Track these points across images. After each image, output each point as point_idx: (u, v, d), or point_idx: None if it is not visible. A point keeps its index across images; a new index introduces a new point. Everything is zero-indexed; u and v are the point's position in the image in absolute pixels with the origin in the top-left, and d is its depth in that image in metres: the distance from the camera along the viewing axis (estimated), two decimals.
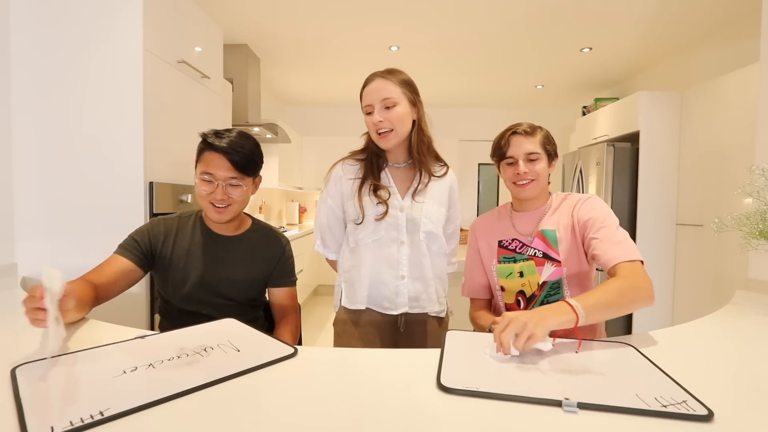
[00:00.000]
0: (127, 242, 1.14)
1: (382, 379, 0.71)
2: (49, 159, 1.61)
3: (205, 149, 1.11)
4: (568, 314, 0.81)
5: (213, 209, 1.12)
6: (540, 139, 1.13)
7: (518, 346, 0.75)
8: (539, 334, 0.76)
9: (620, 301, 0.88)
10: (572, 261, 1.11)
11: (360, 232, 1.15)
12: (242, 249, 1.20)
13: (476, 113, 5.34)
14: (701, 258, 2.68)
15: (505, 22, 2.89)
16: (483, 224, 1.27)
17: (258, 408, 0.60)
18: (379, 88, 1.10)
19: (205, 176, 1.10)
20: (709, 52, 3.04)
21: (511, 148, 1.13)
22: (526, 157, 1.12)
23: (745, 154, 2.29)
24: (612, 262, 0.96)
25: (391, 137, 1.11)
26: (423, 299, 1.17)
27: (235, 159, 1.08)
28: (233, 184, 1.11)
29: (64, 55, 1.59)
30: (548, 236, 1.13)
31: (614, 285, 0.90)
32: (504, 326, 0.78)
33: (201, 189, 1.11)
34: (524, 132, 1.12)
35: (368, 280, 1.15)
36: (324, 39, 3.22)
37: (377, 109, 1.09)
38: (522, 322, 0.77)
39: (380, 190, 1.14)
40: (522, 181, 1.13)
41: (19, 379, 0.65)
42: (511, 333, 0.76)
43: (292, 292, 1.27)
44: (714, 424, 0.56)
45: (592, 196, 1.14)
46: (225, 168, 1.09)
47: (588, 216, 1.08)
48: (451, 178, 1.25)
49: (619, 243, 1.00)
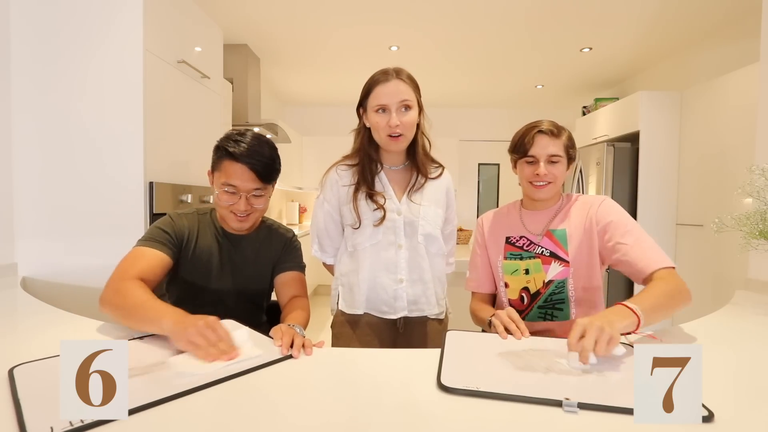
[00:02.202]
0: (157, 234, 1.06)
1: (383, 379, 0.71)
2: (49, 159, 1.61)
3: (224, 158, 1.04)
4: (631, 317, 0.81)
5: (235, 218, 1.09)
6: (564, 141, 1.10)
7: (600, 351, 0.72)
8: (617, 337, 0.74)
9: (670, 303, 0.90)
10: (581, 261, 1.10)
11: (357, 237, 1.13)
12: (254, 246, 1.19)
13: (476, 113, 5.33)
14: (701, 258, 2.68)
15: (505, 22, 2.89)
16: (491, 219, 1.26)
17: (258, 408, 0.60)
18: (397, 90, 1.06)
19: (227, 188, 1.05)
20: (709, 52, 3.04)
21: (534, 147, 1.09)
22: (549, 158, 1.09)
23: (745, 154, 2.29)
24: (649, 269, 0.97)
25: (402, 141, 1.09)
26: (422, 302, 1.15)
27: (259, 169, 1.04)
28: (257, 194, 1.07)
29: (64, 54, 1.59)
30: (557, 236, 1.12)
31: (661, 288, 0.91)
32: (580, 333, 0.74)
33: (223, 200, 1.06)
34: (550, 132, 1.09)
35: (366, 285, 1.13)
36: (324, 39, 3.22)
37: (394, 112, 1.06)
38: (598, 326, 0.74)
39: (376, 196, 1.11)
40: (540, 182, 1.10)
41: (17, 379, 0.65)
42: (592, 340, 0.73)
43: (300, 278, 1.22)
44: (714, 425, 0.56)
45: (607, 197, 1.13)
46: (249, 179, 1.04)
47: (609, 219, 1.07)
48: (447, 178, 1.23)
49: (651, 248, 1.00)
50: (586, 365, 0.71)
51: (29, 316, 1.13)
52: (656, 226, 2.98)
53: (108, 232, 1.60)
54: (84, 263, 1.60)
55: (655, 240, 1.04)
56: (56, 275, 1.61)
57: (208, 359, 0.72)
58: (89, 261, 1.60)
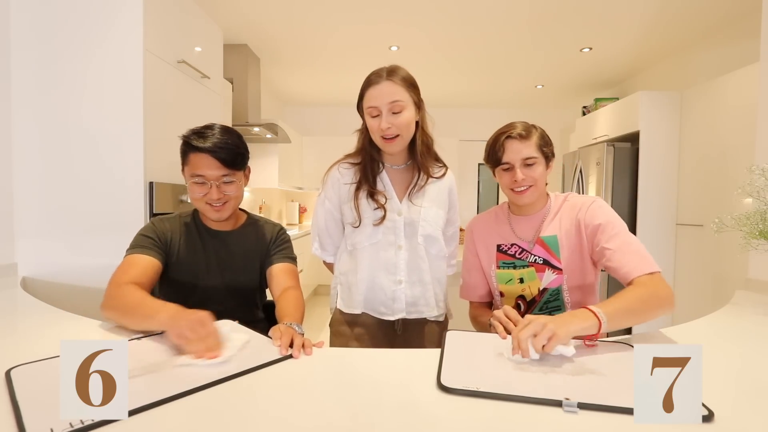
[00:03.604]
0: (142, 241, 1.10)
1: (382, 379, 0.71)
2: (49, 159, 1.61)
3: (189, 151, 1.09)
4: (591, 320, 0.80)
5: (211, 209, 1.12)
6: (536, 142, 1.07)
7: (537, 345, 0.73)
8: (561, 335, 0.74)
9: (641, 308, 0.88)
10: (574, 267, 1.08)
11: (357, 236, 1.13)
12: (241, 241, 1.20)
13: (476, 113, 5.34)
14: (701, 258, 2.68)
15: (506, 22, 2.89)
16: (480, 226, 1.23)
17: (258, 408, 0.60)
18: (386, 92, 1.04)
19: (196, 179, 1.09)
20: (709, 52, 3.04)
21: (506, 153, 1.07)
22: (523, 162, 1.06)
23: (745, 154, 2.29)
24: (631, 275, 0.95)
25: (398, 142, 1.08)
26: (421, 304, 1.14)
27: (223, 156, 1.07)
28: (226, 181, 1.10)
29: (64, 54, 1.59)
30: (549, 243, 1.10)
31: (635, 293, 0.90)
32: (522, 326, 0.76)
33: (195, 192, 1.10)
34: (519, 136, 1.06)
35: (365, 285, 1.13)
36: (324, 39, 3.22)
37: (384, 114, 1.05)
38: (541, 323, 0.75)
39: (377, 195, 1.11)
40: (520, 188, 1.08)
41: (14, 380, 0.65)
42: (529, 332, 0.74)
43: (291, 269, 1.21)
44: (714, 425, 0.56)
45: (596, 199, 1.10)
46: (215, 167, 1.08)
47: (597, 221, 1.04)
48: (450, 179, 1.21)
49: (635, 253, 0.97)
50: (525, 359, 0.74)
51: (29, 316, 1.13)
52: (656, 226, 2.98)
53: (108, 232, 1.60)
54: (84, 263, 1.60)
55: (655, 240, 1.04)
56: (56, 275, 1.61)
57: (196, 355, 0.74)
58: (89, 261, 1.60)
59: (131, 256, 1.07)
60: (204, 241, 1.17)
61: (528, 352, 0.73)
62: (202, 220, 1.20)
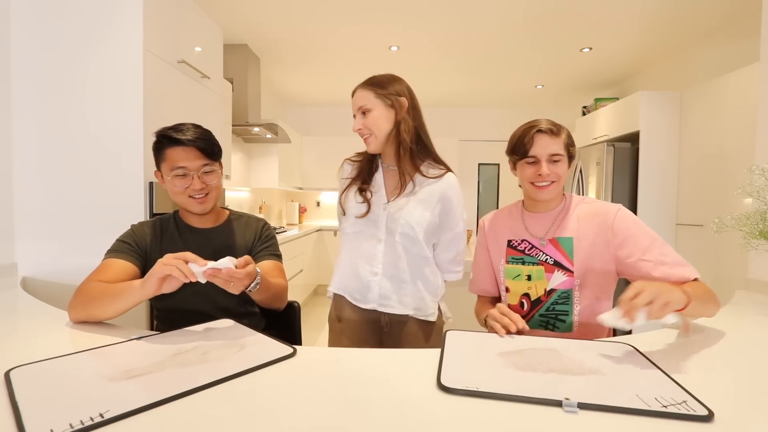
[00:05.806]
0: (119, 246, 1.12)
1: (382, 379, 0.71)
2: (50, 159, 1.60)
3: (167, 146, 1.11)
4: (682, 295, 0.81)
5: (193, 202, 1.13)
6: (564, 140, 1.08)
7: (654, 311, 0.72)
8: (675, 303, 0.74)
9: (711, 301, 0.92)
10: (589, 272, 1.07)
11: (343, 223, 1.23)
12: (224, 237, 1.20)
13: (476, 113, 5.34)
14: (701, 258, 2.68)
15: (506, 22, 2.89)
16: (493, 221, 1.24)
17: (258, 408, 0.60)
18: (357, 98, 1.17)
19: (177, 171, 1.10)
20: (709, 52, 3.04)
21: (534, 147, 1.07)
22: (550, 158, 1.07)
23: (745, 154, 2.29)
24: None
25: (371, 141, 1.16)
26: (393, 300, 1.16)
27: (202, 146, 1.11)
28: (207, 171, 1.12)
29: (64, 54, 1.59)
30: (563, 244, 1.09)
31: (703, 288, 0.93)
32: (635, 293, 0.75)
33: (176, 185, 1.11)
34: (549, 131, 1.07)
35: (347, 269, 1.21)
36: (324, 39, 3.22)
37: (357, 117, 1.17)
38: (655, 289, 0.74)
39: (365, 191, 1.19)
40: (543, 183, 1.08)
41: (14, 381, 0.64)
42: (644, 300, 0.73)
43: (277, 266, 1.22)
44: (714, 425, 0.55)
45: (621, 207, 1.09)
46: (195, 157, 1.10)
47: (627, 233, 1.04)
48: (446, 183, 1.17)
49: (676, 264, 1.00)
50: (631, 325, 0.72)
51: (29, 316, 1.13)
52: (656, 226, 2.95)
53: (108, 232, 1.58)
54: (84, 263, 1.59)
55: None
56: (56, 275, 1.61)
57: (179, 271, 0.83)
58: (89, 261, 1.58)
59: (106, 260, 1.08)
60: (185, 239, 1.18)
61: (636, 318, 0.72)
62: (183, 219, 1.20)
